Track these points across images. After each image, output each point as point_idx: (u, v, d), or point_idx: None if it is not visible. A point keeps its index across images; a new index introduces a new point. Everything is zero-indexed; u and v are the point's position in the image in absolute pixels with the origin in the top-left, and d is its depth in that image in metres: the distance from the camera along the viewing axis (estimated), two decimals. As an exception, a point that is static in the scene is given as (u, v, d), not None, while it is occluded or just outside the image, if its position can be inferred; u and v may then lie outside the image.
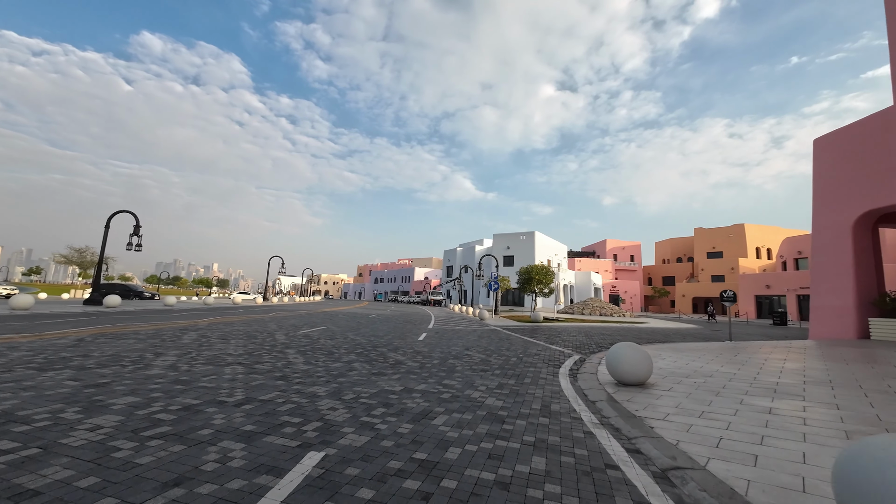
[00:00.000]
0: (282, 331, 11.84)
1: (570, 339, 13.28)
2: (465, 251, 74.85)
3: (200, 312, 19.12)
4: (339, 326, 13.94)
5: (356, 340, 10.30)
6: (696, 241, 75.10)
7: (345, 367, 6.72)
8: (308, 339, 10.20)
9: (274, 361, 6.96)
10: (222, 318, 15.74)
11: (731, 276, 65.32)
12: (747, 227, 71.35)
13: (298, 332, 11.51)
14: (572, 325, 20.88)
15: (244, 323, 14.02)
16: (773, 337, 18.42)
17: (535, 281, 24.02)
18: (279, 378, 5.67)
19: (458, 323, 20.03)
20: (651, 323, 24.18)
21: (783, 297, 44.77)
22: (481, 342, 11.22)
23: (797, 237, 48.38)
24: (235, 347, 8.40)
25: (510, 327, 17.96)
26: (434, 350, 9.18)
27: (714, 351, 10.47)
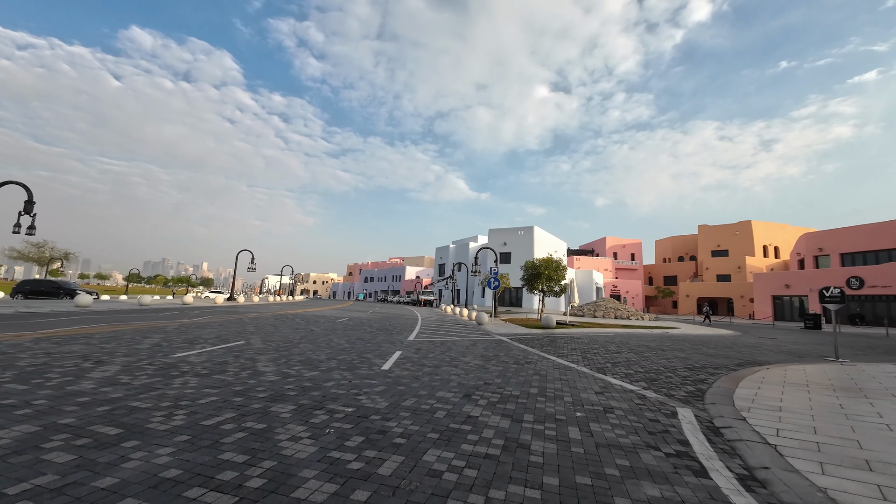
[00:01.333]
0: (138, 355, 6.94)
1: (616, 360, 8.95)
2: (459, 248, 70.58)
3: (107, 317, 14.44)
4: (271, 342, 9.18)
5: (261, 378, 5.61)
6: (700, 239, 71.62)
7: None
8: (160, 375, 5.65)
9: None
10: (102, 328, 11.10)
11: (737, 275, 61.86)
12: (754, 224, 68.00)
13: (171, 356, 6.77)
14: (594, 332, 16.62)
15: (106, 338, 8.70)
16: (855, 347, 14.34)
17: (544, 278, 19.75)
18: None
19: (451, 329, 15.67)
20: (681, 328, 20.10)
21: (804, 297, 41.13)
22: (488, 372, 6.78)
23: (818, 234, 44.76)
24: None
25: (519, 336, 13.61)
26: (401, 402, 4.65)
27: (877, 380, 6.18)
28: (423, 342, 10.74)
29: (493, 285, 21.25)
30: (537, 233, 54.78)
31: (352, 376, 5.88)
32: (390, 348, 9.02)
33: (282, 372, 5.94)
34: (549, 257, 20.81)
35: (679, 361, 9.00)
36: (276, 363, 6.57)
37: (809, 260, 44.76)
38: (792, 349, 13.04)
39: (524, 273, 21.24)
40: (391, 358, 7.61)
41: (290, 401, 4.46)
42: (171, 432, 3.33)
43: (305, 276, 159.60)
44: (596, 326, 19.22)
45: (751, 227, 67.61)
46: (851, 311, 36.93)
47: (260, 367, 6.19)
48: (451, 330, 15.32)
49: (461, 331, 15.14)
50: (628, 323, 22.13)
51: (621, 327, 19.51)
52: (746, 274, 60.75)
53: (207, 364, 6.24)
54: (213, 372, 5.73)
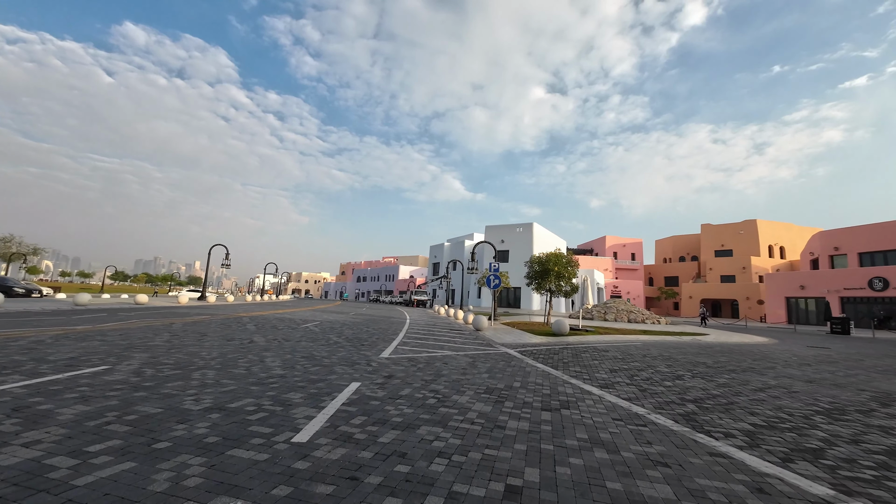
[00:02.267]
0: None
1: (692, 393, 5.86)
2: (454, 246, 67.58)
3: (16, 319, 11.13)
4: (156, 365, 5.85)
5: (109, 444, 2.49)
6: (703, 239, 69.21)
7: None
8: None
9: None
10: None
11: (742, 276, 59.42)
12: (760, 223, 65.63)
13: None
14: (617, 340, 13.61)
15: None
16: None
17: (553, 275, 16.70)
18: None
19: (443, 336, 12.56)
20: (711, 334, 17.22)
21: (821, 299, 38.54)
22: (506, 437, 3.63)
23: (833, 232, 42.21)
24: None
25: (531, 349, 10.51)
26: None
27: None
28: (400, 361, 7.58)
29: (493, 284, 18.17)
30: (537, 230, 51.85)
31: (256, 450, 2.75)
32: (345, 377, 5.81)
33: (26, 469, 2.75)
34: (557, 252, 17.77)
35: (824, 396, 5.92)
36: (179, 404, 3.41)
37: (824, 259, 42.22)
38: (892, 365, 10.04)
39: (529, 269, 18.16)
40: (332, 403, 4.40)
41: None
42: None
43: (297, 275, 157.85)
44: (614, 332, 16.23)
45: (756, 227, 65.24)
46: (874, 314, 34.38)
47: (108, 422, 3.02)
48: (443, 338, 12.19)
49: (456, 340, 12.01)
50: (647, 328, 19.17)
51: (642, 333, 16.56)
52: (752, 275, 58.31)
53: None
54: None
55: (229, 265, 32.55)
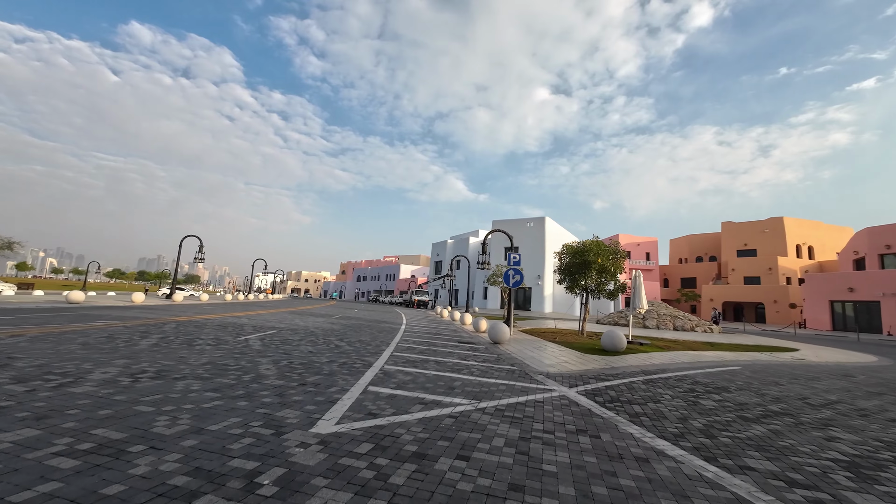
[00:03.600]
0: None
1: None
2: (457, 244, 63.55)
3: None
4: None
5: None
6: (724, 238, 64.60)
7: None
8: None
9: None
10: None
11: (768, 277, 54.85)
12: (787, 220, 60.89)
13: None
14: (693, 359, 9.51)
15: None
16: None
17: (595, 269, 12.60)
18: None
19: (449, 356, 8.46)
20: (801, 349, 13.11)
21: (874, 303, 34.11)
22: None
23: (885, 228, 37.69)
24: None
25: (593, 383, 6.37)
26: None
27: None
28: (359, 442, 3.43)
29: (513, 281, 14.05)
30: (549, 225, 47.70)
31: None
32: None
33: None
34: (595, 239, 13.59)
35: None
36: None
37: (873, 259, 37.72)
38: None
39: (561, 262, 13.98)
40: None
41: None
42: None
43: (297, 274, 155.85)
44: (677, 347, 12.10)
45: (783, 225, 60.52)
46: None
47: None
48: (450, 360, 8.07)
49: (469, 362, 7.89)
50: (708, 339, 15.02)
51: (709, 347, 12.44)
52: (779, 276, 53.81)
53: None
54: None
55: (203, 259, 28.62)
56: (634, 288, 13.05)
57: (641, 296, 12.95)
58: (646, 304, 12.93)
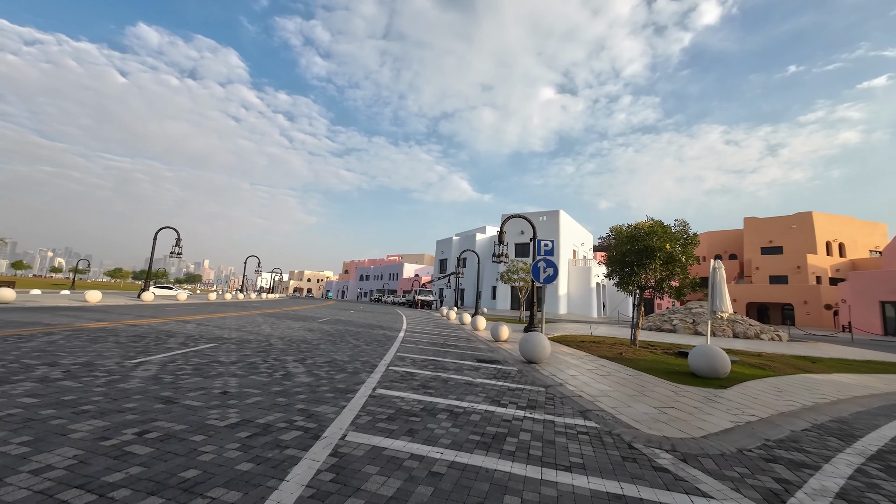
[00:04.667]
0: None
1: None
2: (463, 241, 60.18)
3: None
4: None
5: None
6: (747, 234, 60.61)
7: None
8: None
9: None
10: None
11: (797, 276, 50.85)
12: (816, 216, 56.73)
13: None
14: (835, 393, 6.09)
15: None
16: None
17: (660, 260, 9.15)
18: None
19: (471, 391, 5.08)
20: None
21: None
22: None
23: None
24: None
25: (797, 471, 2.92)
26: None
27: None
28: None
29: (545, 275, 10.66)
30: (563, 219, 44.19)
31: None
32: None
33: None
34: (657, 222, 10.10)
35: None
36: None
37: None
38: None
39: (614, 249, 10.48)
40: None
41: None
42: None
43: (300, 273, 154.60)
44: (783, 367, 8.67)
45: (811, 220, 56.37)
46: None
47: None
48: (472, 403, 4.67)
49: (510, 410, 4.49)
50: (807, 353, 11.57)
51: (833, 367, 9.02)
52: (808, 275, 49.85)
53: None
54: None
55: (181, 254, 25.45)
56: (713, 284, 9.62)
57: (724, 295, 9.50)
58: (729, 305, 9.46)
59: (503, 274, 23.62)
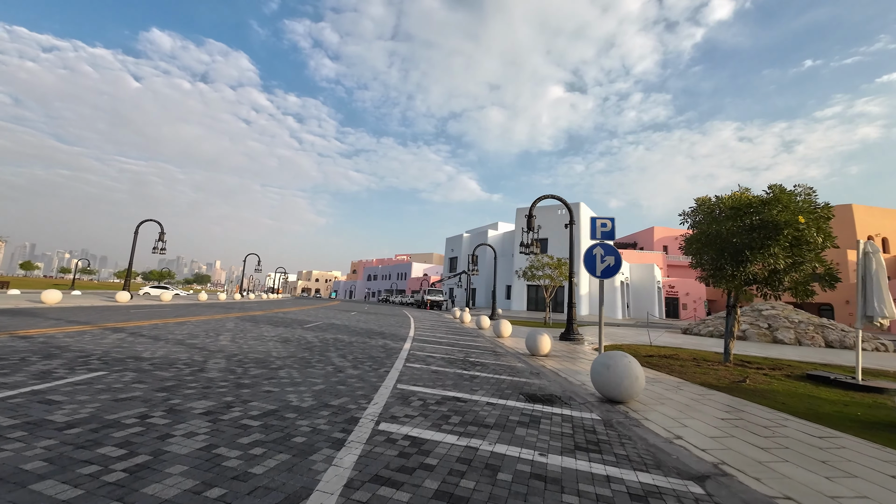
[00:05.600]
0: None
1: None
2: (474, 238, 57.09)
3: None
4: None
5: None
6: (778, 229, 56.43)
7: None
8: None
9: None
10: None
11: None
12: (856, 208, 52.31)
13: None
14: None
15: None
16: None
17: (789, 238, 6.05)
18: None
19: None
20: None
21: None
22: None
23: None
24: None
25: None
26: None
27: None
28: None
29: (603, 267, 7.67)
30: (584, 211, 40.81)
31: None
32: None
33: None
34: (780, 186, 6.92)
35: None
36: None
37: None
38: None
39: (703, 228, 7.34)
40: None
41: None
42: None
43: (308, 273, 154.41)
44: None
45: (851, 213, 51.96)
46: None
47: None
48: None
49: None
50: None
51: None
52: (849, 273, 45.72)
53: None
54: None
55: (164, 249, 22.89)
56: (865, 277, 6.49)
57: (884, 292, 6.38)
58: (893, 307, 6.32)
59: (525, 270, 20.53)
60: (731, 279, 7.13)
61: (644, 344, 11.30)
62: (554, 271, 19.83)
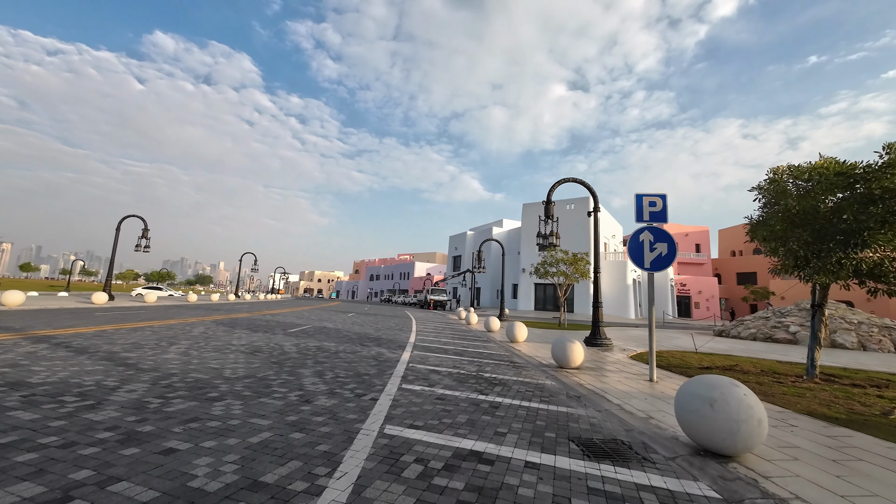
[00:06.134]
0: None
1: None
2: (479, 235, 55.38)
3: None
4: None
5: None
6: (794, 224, 54.30)
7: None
8: None
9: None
10: None
11: (856, 270, 44.40)
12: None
13: None
14: None
15: None
16: None
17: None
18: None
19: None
20: None
21: None
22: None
23: None
24: None
25: None
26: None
27: None
28: None
29: (653, 256, 5.96)
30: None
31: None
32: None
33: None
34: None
35: None
36: None
37: None
38: None
39: (784, 203, 5.57)
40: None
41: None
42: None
43: (310, 274, 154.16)
44: None
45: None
46: None
47: None
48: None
49: None
50: None
51: None
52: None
53: None
54: None
55: (148, 247, 21.33)
56: None
57: None
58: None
59: (538, 266, 18.76)
60: (837, 269, 5.38)
61: (688, 350, 9.52)
62: (569, 267, 18.06)
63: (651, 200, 6.56)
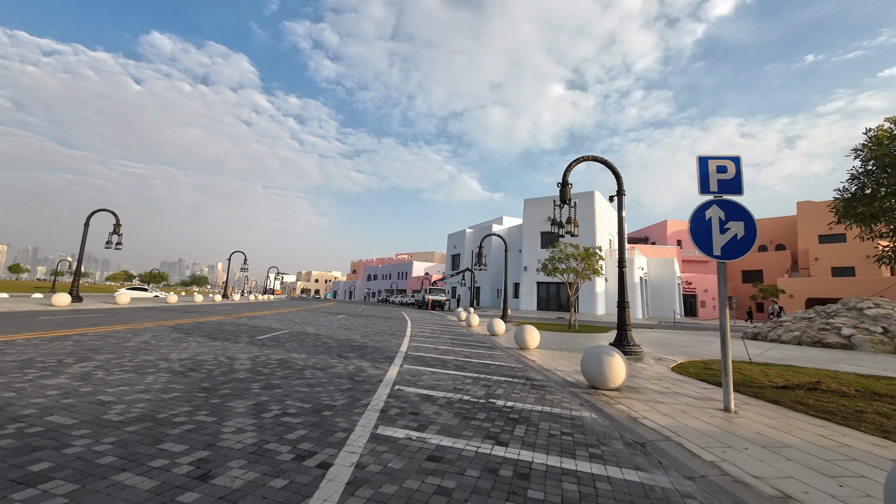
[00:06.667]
0: None
1: None
2: (478, 233, 53.72)
3: None
4: None
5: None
6: (801, 221, 52.96)
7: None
8: None
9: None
10: None
11: (866, 267, 43.12)
12: (888, 196, 48.40)
13: None
14: None
15: None
16: None
17: None
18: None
19: None
20: None
21: None
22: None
23: None
24: None
25: None
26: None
27: None
28: None
29: (727, 241, 4.27)
30: (599, 200, 37.24)
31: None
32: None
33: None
34: None
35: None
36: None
37: None
38: None
39: None
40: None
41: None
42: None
43: (307, 274, 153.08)
44: None
45: (883, 202, 48.08)
46: None
47: None
48: None
49: None
50: None
51: None
52: (882, 266, 42.15)
53: None
54: None
55: (120, 244, 19.60)
56: None
57: None
58: None
59: (545, 263, 17.11)
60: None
61: (737, 359, 7.84)
62: (580, 263, 16.38)
63: (720, 165, 4.87)
